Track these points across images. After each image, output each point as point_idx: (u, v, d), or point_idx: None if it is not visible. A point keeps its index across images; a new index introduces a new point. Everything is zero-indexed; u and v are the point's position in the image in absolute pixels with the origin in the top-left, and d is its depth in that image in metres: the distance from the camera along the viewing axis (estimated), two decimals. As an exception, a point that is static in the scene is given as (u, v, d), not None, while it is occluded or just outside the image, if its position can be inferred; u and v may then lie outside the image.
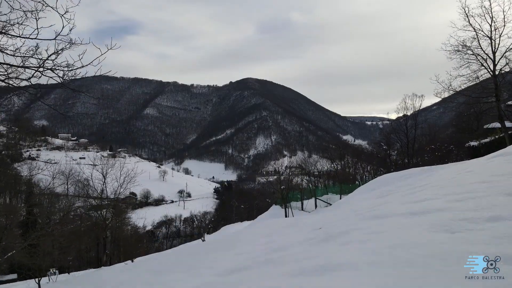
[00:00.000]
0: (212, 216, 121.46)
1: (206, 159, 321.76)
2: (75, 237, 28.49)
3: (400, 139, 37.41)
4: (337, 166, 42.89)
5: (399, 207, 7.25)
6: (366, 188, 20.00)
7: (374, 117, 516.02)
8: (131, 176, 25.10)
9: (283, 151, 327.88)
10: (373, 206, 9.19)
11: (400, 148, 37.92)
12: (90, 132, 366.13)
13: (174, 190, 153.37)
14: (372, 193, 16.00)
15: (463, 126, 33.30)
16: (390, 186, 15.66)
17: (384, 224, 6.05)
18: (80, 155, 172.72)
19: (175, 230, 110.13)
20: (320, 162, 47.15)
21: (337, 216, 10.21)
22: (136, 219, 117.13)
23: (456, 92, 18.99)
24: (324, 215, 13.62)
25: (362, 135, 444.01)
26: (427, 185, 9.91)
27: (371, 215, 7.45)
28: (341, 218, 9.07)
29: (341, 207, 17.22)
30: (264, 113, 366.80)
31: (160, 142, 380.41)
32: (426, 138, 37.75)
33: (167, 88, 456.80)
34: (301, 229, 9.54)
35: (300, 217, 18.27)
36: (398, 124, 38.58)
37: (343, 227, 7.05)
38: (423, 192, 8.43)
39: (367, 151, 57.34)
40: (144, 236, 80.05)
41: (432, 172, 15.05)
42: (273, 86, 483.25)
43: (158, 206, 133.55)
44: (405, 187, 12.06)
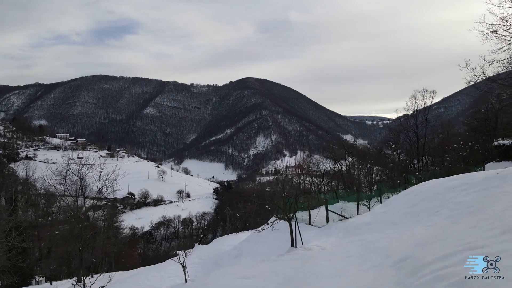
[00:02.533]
0: (211, 216, 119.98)
1: (206, 159, 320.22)
2: (62, 242, 26.71)
3: (409, 139, 35.36)
4: (341, 167, 40.63)
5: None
6: (404, 202, 13.86)
7: (374, 117, 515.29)
8: (111, 179, 22.34)
9: (283, 150, 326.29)
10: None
11: (410, 148, 35.83)
12: (89, 132, 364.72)
13: (173, 190, 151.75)
14: (423, 216, 10.83)
15: (476, 124, 31.62)
16: (450, 203, 10.45)
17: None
18: (78, 154, 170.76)
19: (173, 231, 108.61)
20: (323, 162, 45.30)
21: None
22: (134, 219, 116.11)
23: (491, 79, 16.31)
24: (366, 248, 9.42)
25: (362, 135, 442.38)
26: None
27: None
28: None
29: (384, 231, 11.19)
30: (264, 112, 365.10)
31: (160, 142, 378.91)
32: (437, 137, 35.95)
33: (167, 88, 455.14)
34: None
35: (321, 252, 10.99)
36: (407, 122, 36.18)
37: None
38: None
39: (372, 151, 55.06)
40: (138, 241, 78.10)
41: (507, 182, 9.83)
42: (273, 86, 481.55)
43: (156, 207, 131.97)
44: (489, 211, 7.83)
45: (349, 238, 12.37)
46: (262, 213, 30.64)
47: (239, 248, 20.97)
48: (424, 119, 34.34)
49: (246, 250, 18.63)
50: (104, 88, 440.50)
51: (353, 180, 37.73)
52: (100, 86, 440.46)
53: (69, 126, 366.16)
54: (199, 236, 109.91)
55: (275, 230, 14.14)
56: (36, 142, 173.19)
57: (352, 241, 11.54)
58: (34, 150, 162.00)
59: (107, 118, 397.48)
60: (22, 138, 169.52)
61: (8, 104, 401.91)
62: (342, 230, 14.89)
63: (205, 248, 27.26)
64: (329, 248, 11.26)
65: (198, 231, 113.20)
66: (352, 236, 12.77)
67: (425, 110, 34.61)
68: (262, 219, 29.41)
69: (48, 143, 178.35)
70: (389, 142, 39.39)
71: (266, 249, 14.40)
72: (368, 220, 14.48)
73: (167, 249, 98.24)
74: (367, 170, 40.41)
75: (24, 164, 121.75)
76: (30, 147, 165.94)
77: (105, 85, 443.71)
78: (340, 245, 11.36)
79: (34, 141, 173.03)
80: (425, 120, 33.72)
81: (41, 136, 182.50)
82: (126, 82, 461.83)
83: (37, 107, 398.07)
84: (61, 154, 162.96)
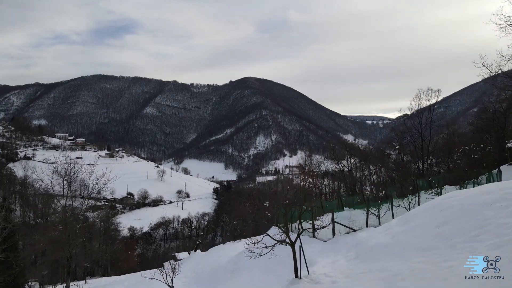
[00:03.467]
0: (211, 217, 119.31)
1: (205, 159, 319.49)
2: (57, 245, 25.88)
3: (413, 139, 34.17)
4: (343, 168, 39.49)
5: None
6: (429, 220, 11.62)
7: (375, 116, 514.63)
8: (102, 184, 21.20)
9: (283, 150, 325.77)
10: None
11: (414, 149, 34.72)
12: (89, 132, 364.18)
13: (173, 190, 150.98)
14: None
15: (481, 124, 30.70)
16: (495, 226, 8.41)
17: None
18: (77, 154, 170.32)
19: (172, 231, 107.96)
20: (324, 163, 44.34)
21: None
22: (133, 220, 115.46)
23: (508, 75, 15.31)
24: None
25: (362, 135, 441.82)
26: None
27: None
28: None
29: (410, 259, 9.37)
30: (264, 112, 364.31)
31: (160, 142, 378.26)
32: (441, 137, 34.90)
33: (167, 87, 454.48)
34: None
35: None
36: (411, 122, 34.90)
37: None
38: None
39: (375, 153, 53.65)
40: (136, 243, 76.99)
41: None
42: (273, 85, 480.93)
43: (156, 207, 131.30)
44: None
45: (365, 264, 10.45)
46: (261, 218, 28.93)
47: (235, 262, 19.57)
48: (428, 119, 33.25)
49: (243, 265, 17.01)
50: (104, 88, 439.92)
51: (355, 182, 36.30)
52: (100, 86, 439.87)
53: (69, 126, 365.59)
54: (198, 237, 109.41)
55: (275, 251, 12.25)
56: (35, 142, 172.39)
57: (370, 270, 9.61)
58: (33, 150, 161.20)
59: (107, 118, 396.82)
60: (21, 138, 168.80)
61: (8, 104, 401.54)
62: (353, 249, 12.90)
63: (200, 257, 25.94)
64: (342, 281, 9.62)
65: (198, 232, 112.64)
66: (368, 261, 10.69)
67: (429, 110, 33.55)
68: (260, 224, 27.84)
69: (47, 143, 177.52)
70: (393, 143, 38.40)
71: (264, 263, 12.81)
72: (386, 241, 11.87)
73: (166, 250, 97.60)
74: (373, 171, 39.03)
75: (22, 164, 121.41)
76: (29, 147, 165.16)
77: (105, 85, 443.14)
78: (356, 276, 9.66)
79: (33, 141, 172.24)
80: (430, 119, 32.68)
81: (40, 136, 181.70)
82: (126, 82, 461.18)
83: (37, 107, 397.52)
84: (60, 153, 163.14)
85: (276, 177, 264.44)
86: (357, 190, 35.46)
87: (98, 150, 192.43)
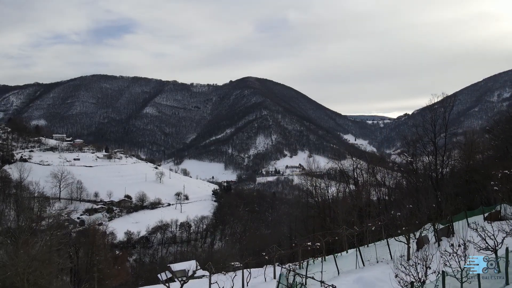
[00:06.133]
0: (210, 220, 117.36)
1: (205, 159, 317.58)
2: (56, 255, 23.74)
3: (425, 149, 31.33)
4: (350, 190, 36.18)
5: None
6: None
7: (375, 116, 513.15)
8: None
9: (283, 150, 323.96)
10: None
11: (428, 163, 31.45)
12: (89, 132, 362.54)
13: (171, 192, 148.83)
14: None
15: (499, 133, 28.39)
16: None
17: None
18: (75, 156, 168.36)
19: (171, 236, 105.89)
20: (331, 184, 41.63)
21: None
22: (130, 223, 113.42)
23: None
24: None
25: (363, 134, 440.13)
26: None
27: None
28: None
29: None
30: (264, 112, 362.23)
31: (160, 142, 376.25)
32: (460, 148, 32.06)
33: (167, 87, 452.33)
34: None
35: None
36: (423, 129, 31.42)
37: None
38: None
39: (390, 162, 50.33)
40: (126, 255, 74.15)
41: None
42: (273, 85, 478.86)
43: (154, 210, 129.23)
44: None
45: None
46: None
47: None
48: (442, 126, 30.10)
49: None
50: (104, 87, 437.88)
51: (369, 210, 30.20)
52: (100, 86, 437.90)
53: (68, 126, 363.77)
54: (196, 241, 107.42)
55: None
56: (31, 144, 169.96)
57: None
58: (30, 151, 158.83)
59: (106, 118, 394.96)
60: (18, 139, 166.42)
61: (7, 104, 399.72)
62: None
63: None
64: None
65: (196, 236, 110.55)
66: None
67: (444, 118, 30.90)
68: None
69: (44, 144, 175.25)
70: (404, 154, 35.77)
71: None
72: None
73: (164, 255, 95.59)
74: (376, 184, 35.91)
75: (18, 167, 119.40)
76: (26, 148, 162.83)
77: (105, 85, 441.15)
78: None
79: (29, 143, 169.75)
80: (445, 128, 29.87)
81: (37, 137, 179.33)
82: (126, 82, 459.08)
83: (36, 107, 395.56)
84: (58, 155, 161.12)
85: (276, 178, 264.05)
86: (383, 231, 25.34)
87: (96, 151, 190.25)
